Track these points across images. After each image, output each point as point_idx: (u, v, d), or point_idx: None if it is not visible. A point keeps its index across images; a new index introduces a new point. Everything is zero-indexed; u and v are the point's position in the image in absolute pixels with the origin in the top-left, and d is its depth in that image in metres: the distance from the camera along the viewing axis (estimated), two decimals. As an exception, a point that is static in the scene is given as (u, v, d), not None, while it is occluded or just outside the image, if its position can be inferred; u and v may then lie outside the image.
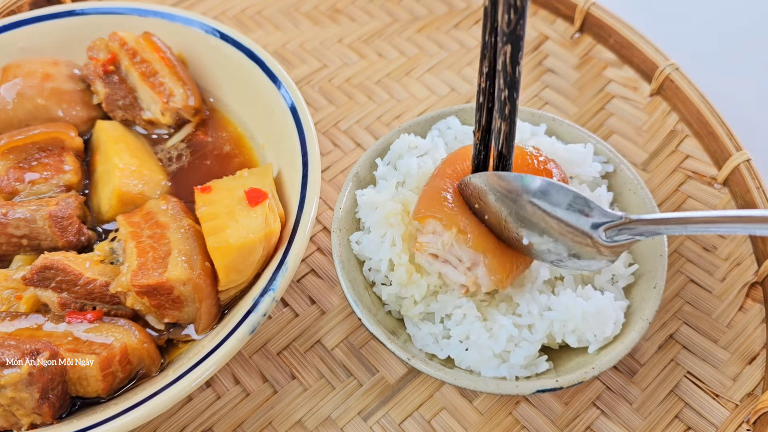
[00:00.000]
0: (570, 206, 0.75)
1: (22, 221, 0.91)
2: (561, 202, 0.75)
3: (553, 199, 0.75)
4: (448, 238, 0.81)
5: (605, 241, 0.74)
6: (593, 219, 0.74)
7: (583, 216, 0.74)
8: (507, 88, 0.74)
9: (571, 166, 0.92)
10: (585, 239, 0.75)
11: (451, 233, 0.81)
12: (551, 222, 0.76)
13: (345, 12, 1.35)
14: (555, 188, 0.75)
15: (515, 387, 0.78)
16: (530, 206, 0.77)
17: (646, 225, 0.72)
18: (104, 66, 1.06)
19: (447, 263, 0.83)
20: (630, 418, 0.88)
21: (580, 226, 0.75)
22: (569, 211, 0.75)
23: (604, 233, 0.74)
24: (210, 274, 0.85)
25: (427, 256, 0.84)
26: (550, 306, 0.82)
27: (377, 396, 0.91)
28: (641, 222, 0.72)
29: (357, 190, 0.93)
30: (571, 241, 0.76)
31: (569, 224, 0.75)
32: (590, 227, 0.74)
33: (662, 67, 1.17)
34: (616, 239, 0.74)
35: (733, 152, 1.06)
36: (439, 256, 0.83)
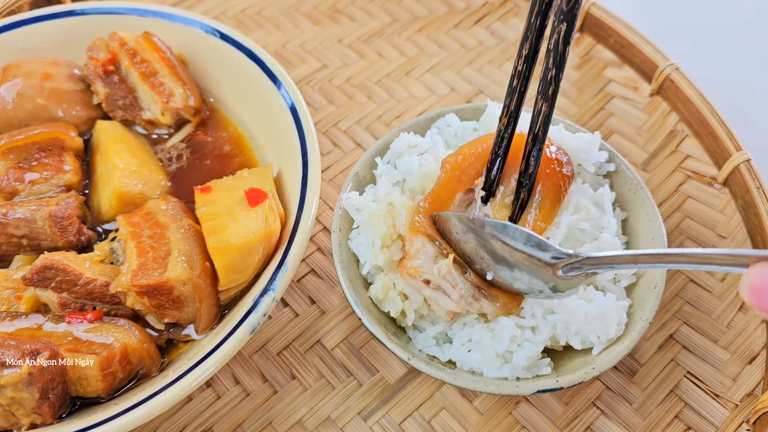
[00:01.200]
0: (527, 242, 0.76)
1: (22, 221, 0.91)
2: (518, 238, 0.77)
3: (511, 234, 0.77)
4: (445, 265, 0.81)
5: (562, 276, 0.76)
6: (550, 253, 0.75)
7: (540, 250, 0.76)
8: (555, 68, 0.76)
9: (578, 153, 0.92)
10: (547, 269, 0.77)
11: (448, 260, 0.81)
12: (513, 252, 0.78)
13: (345, 12, 1.35)
14: (510, 228, 0.77)
15: (516, 387, 0.78)
16: (493, 239, 0.79)
17: (596, 263, 0.73)
18: (104, 66, 1.06)
19: (438, 290, 0.82)
20: (630, 418, 0.88)
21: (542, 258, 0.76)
22: (528, 246, 0.76)
23: (560, 270, 0.76)
24: (210, 274, 0.85)
25: (418, 282, 0.82)
26: (553, 308, 0.82)
27: (377, 396, 0.91)
28: (591, 260, 0.73)
29: (343, 194, 0.92)
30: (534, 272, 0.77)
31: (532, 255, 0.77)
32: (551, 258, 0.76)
33: (662, 67, 1.17)
34: (569, 275, 0.75)
35: (733, 152, 1.06)
36: (431, 282, 0.82)
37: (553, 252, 0.75)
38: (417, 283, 0.82)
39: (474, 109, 1.00)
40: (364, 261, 0.88)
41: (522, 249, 0.77)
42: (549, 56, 0.76)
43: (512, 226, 0.78)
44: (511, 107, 0.82)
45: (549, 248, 0.76)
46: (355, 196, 0.90)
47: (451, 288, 0.81)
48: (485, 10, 1.35)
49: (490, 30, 1.32)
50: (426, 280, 0.82)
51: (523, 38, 0.78)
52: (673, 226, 1.05)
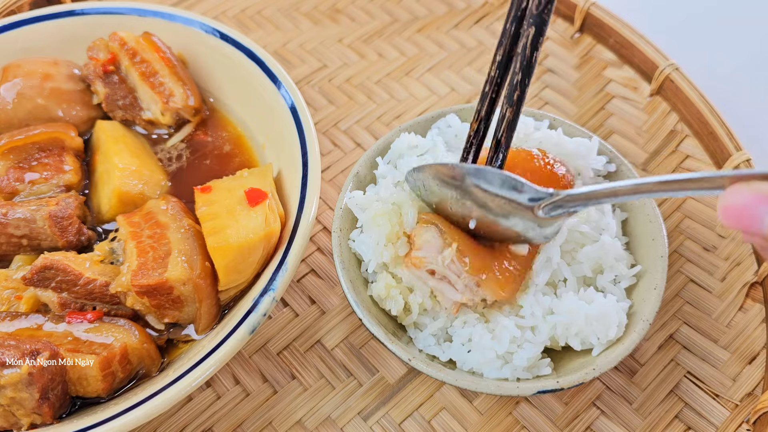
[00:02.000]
0: (504, 184, 0.75)
1: (22, 221, 0.91)
2: (495, 181, 0.76)
3: (488, 179, 0.76)
4: (449, 254, 0.81)
5: (543, 216, 0.75)
6: (527, 194, 0.74)
7: (518, 192, 0.75)
8: (521, 72, 0.74)
9: (576, 159, 0.92)
10: (528, 212, 0.76)
11: (451, 249, 0.81)
12: (495, 200, 0.77)
13: (345, 12, 1.35)
14: (486, 170, 0.76)
15: (516, 388, 0.78)
16: (473, 188, 0.77)
17: (575, 201, 0.72)
18: (104, 66, 1.06)
19: (443, 280, 0.82)
20: (630, 418, 0.88)
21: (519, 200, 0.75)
22: (505, 189, 0.75)
23: (540, 210, 0.75)
24: (210, 274, 0.85)
25: (423, 272, 0.82)
26: (553, 309, 0.82)
27: (377, 396, 0.91)
28: (570, 198, 0.72)
29: (345, 193, 0.92)
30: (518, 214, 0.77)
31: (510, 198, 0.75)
32: (528, 201, 0.75)
33: (662, 67, 1.17)
34: (552, 214, 0.74)
35: (733, 152, 1.06)
36: (436, 272, 0.82)
37: (530, 193, 0.74)
38: (422, 274, 0.82)
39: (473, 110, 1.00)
40: (368, 259, 0.88)
41: (499, 193, 0.76)
42: (516, 60, 0.75)
43: (487, 169, 0.76)
44: (482, 113, 0.82)
45: (525, 189, 0.74)
46: (359, 194, 0.90)
47: (455, 277, 0.81)
48: (485, 10, 1.35)
49: (490, 30, 1.32)
50: (431, 271, 0.82)
51: (498, 44, 0.77)
52: (673, 226, 1.05)
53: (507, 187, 0.75)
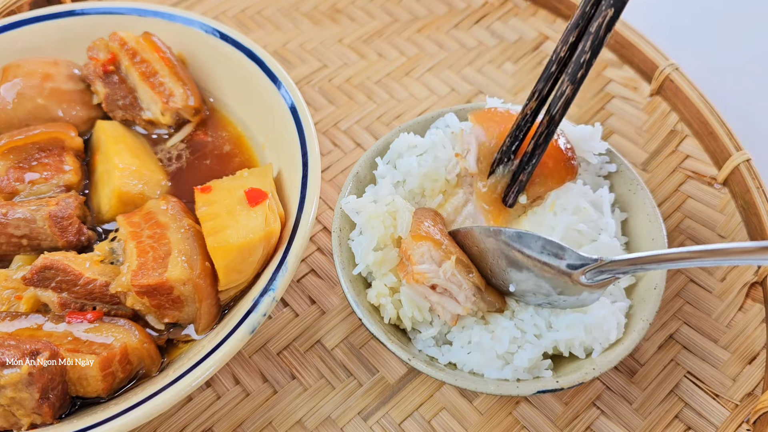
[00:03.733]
0: (543, 250, 0.77)
1: (22, 221, 0.91)
2: (534, 247, 0.77)
3: (527, 243, 0.78)
4: (450, 266, 0.80)
5: (587, 282, 0.76)
6: (568, 261, 0.76)
7: (557, 259, 0.76)
8: (590, 52, 0.76)
9: (579, 144, 0.92)
10: (564, 278, 0.77)
11: (451, 261, 0.81)
12: (530, 263, 0.78)
13: (345, 12, 1.35)
14: (527, 236, 0.78)
15: (516, 388, 0.78)
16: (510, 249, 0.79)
17: (623, 266, 0.73)
18: (104, 66, 1.06)
19: (445, 293, 0.82)
20: (630, 418, 0.88)
21: (558, 266, 0.76)
22: (544, 254, 0.77)
23: (584, 276, 0.75)
24: (210, 274, 0.85)
25: (425, 288, 0.81)
26: (552, 323, 0.82)
27: (377, 396, 0.91)
28: (617, 263, 0.74)
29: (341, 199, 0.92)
30: (553, 280, 0.78)
31: (548, 264, 0.77)
32: (567, 267, 0.76)
33: (662, 67, 1.17)
34: (597, 279, 0.75)
35: (733, 152, 1.06)
36: (437, 287, 0.81)
37: (572, 258, 0.75)
38: (424, 290, 0.82)
39: (473, 109, 1.00)
40: (359, 261, 0.88)
41: (537, 257, 0.77)
42: (587, 38, 0.75)
43: (528, 235, 0.77)
44: (543, 92, 0.82)
45: (567, 255, 0.75)
46: (353, 199, 0.90)
47: (457, 289, 0.81)
48: (485, 10, 1.35)
49: (490, 30, 1.32)
50: (432, 286, 0.81)
51: (573, 25, 0.77)
52: (673, 226, 1.05)
53: (547, 252, 0.76)
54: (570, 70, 0.78)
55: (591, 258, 0.75)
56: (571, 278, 0.76)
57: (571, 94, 0.79)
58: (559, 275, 0.77)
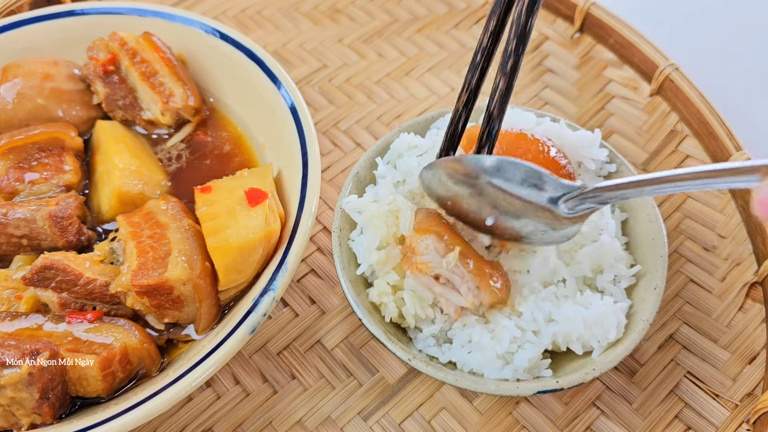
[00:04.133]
0: (524, 181, 0.73)
1: (22, 221, 0.91)
2: (515, 178, 0.74)
3: (508, 175, 0.74)
4: (453, 257, 0.80)
5: (567, 213, 0.73)
6: (549, 192, 0.72)
7: (538, 190, 0.73)
8: (516, 39, 0.73)
9: (578, 150, 0.92)
10: (545, 213, 0.74)
11: (454, 253, 0.81)
12: (511, 200, 0.75)
13: (345, 12, 1.35)
14: (508, 164, 0.74)
15: (516, 388, 0.78)
16: (488, 186, 0.76)
17: (605, 192, 0.70)
18: (104, 66, 1.06)
19: (448, 285, 0.82)
20: (630, 418, 0.88)
21: (538, 201, 0.73)
22: (524, 187, 0.73)
23: (564, 205, 0.73)
24: (210, 274, 0.85)
25: (428, 278, 0.82)
26: (552, 315, 0.82)
27: (377, 396, 0.91)
28: (599, 189, 0.71)
29: (342, 199, 0.92)
30: (534, 216, 0.75)
31: (528, 200, 0.74)
32: (548, 201, 0.73)
33: (662, 67, 1.17)
34: (577, 209, 0.73)
35: (733, 152, 1.06)
36: (440, 277, 0.82)
37: (554, 186, 0.72)
38: (427, 280, 0.82)
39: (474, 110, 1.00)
40: (361, 261, 0.88)
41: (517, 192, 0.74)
42: (511, 28, 0.72)
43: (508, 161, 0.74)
44: (471, 84, 0.79)
45: (549, 182, 0.72)
46: (354, 198, 0.90)
47: (460, 281, 0.81)
48: (485, 10, 1.35)
49: (490, 30, 1.32)
50: (436, 276, 0.82)
51: (491, 12, 0.75)
52: (673, 226, 1.05)
53: (528, 183, 0.73)
54: (500, 62, 0.74)
55: (573, 185, 0.72)
56: (552, 212, 0.73)
57: (505, 86, 0.75)
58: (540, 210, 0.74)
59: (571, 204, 0.72)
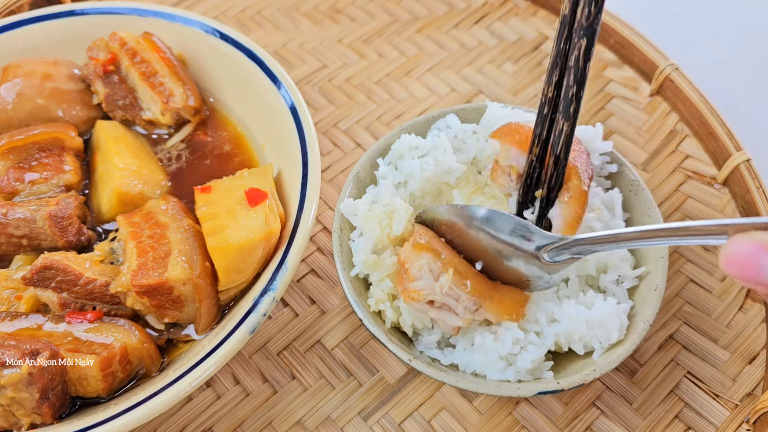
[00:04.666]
0: (513, 232, 0.78)
1: (22, 221, 0.91)
2: (504, 229, 0.79)
3: (497, 226, 0.79)
4: (446, 280, 0.80)
5: (548, 261, 0.78)
6: (536, 242, 0.78)
7: (526, 240, 0.78)
8: (575, 85, 0.77)
9: None
10: (534, 260, 0.79)
11: (448, 275, 0.80)
12: (500, 246, 0.80)
13: (345, 12, 1.35)
14: (498, 216, 0.79)
15: (517, 389, 0.78)
16: (481, 233, 0.80)
17: (582, 245, 0.75)
18: (104, 66, 1.06)
19: (443, 308, 0.81)
20: (630, 418, 0.88)
21: (526, 249, 0.78)
22: (513, 236, 0.79)
23: (546, 254, 0.77)
24: (210, 274, 0.85)
25: (422, 305, 0.81)
26: (555, 316, 0.82)
27: (377, 396, 0.91)
28: (577, 242, 0.75)
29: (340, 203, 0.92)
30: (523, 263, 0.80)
31: (517, 247, 0.79)
32: (535, 249, 0.78)
33: (662, 67, 1.17)
34: (556, 259, 0.77)
35: (733, 152, 1.06)
36: (435, 302, 0.81)
37: (538, 237, 0.77)
38: (422, 306, 0.81)
39: (474, 110, 1.00)
40: (356, 262, 0.87)
41: (507, 240, 0.79)
42: (569, 73, 0.76)
43: (498, 214, 0.78)
44: (542, 135, 0.83)
45: (534, 234, 0.77)
46: (351, 202, 0.90)
47: (455, 302, 0.80)
48: (485, 10, 1.35)
49: (490, 30, 1.32)
50: (430, 301, 0.81)
51: (552, 64, 0.79)
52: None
53: (516, 234, 0.78)
54: (562, 108, 0.79)
55: (554, 236, 0.77)
56: (539, 259, 0.78)
57: (569, 130, 0.80)
58: (529, 257, 0.79)
59: (551, 254, 0.78)
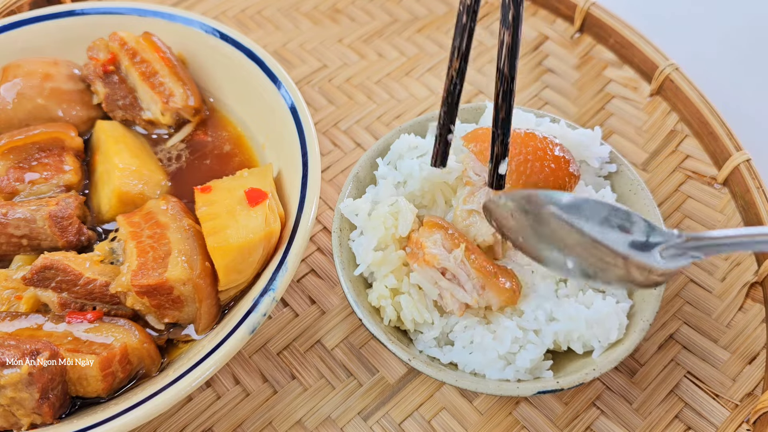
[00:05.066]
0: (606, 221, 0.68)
1: (22, 221, 0.91)
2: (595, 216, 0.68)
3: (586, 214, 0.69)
4: (459, 253, 0.81)
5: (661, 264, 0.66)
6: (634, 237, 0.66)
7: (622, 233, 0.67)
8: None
9: (580, 149, 0.92)
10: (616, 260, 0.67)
11: (461, 249, 0.81)
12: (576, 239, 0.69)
13: (345, 12, 1.35)
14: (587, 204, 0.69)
15: (516, 388, 0.78)
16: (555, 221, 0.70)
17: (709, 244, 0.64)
18: (104, 66, 1.06)
19: (453, 280, 0.82)
20: (630, 418, 0.88)
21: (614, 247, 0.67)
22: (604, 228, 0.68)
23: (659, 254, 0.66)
24: (210, 274, 0.85)
25: (435, 272, 0.82)
26: (554, 314, 0.82)
27: (377, 396, 0.91)
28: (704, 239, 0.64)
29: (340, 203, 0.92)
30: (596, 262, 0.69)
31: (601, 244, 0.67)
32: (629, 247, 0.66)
33: (662, 67, 1.17)
34: (673, 263, 0.66)
35: (733, 152, 1.06)
36: (447, 272, 0.82)
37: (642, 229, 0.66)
38: (434, 273, 0.82)
39: (474, 110, 1.00)
40: (359, 262, 0.88)
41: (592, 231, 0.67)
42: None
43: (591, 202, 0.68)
44: (461, 48, 0.76)
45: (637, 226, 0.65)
46: (350, 202, 0.90)
47: (465, 278, 0.81)
48: (485, 10, 1.35)
49: (490, 30, 1.32)
50: (442, 270, 0.82)
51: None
52: (673, 226, 1.05)
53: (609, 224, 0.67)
54: (501, 15, 0.71)
55: (672, 233, 0.65)
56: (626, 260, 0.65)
57: (510, 40, 0.72)
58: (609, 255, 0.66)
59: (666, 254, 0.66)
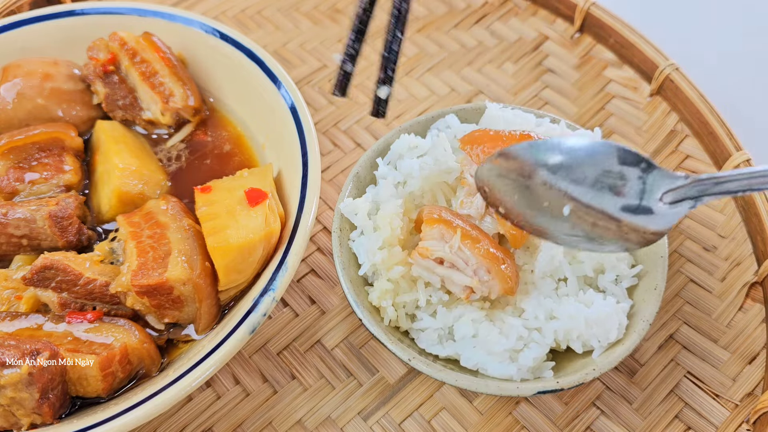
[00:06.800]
0: (597, 182, 0.70)
1: (22, 221, 0.91)
2: (586, 177, 0.71)
3: (578, 174, 0.72)
4: (456, 241, 0.81)
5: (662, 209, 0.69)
6: (627, 200, 0.69)
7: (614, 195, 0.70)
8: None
9: None
10: (609, 223, 0.72)
11: (457, 236, 0.81)
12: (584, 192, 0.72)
13: (345, 12, 1.35)
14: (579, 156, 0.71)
15: (516, 388, 0.78)
16: (547, 191, 0.74)
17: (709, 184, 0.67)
18: (104, 66, 1.06)
19: (452, 267, 0.83)
20: (630, 418, 0.88)
21: (607, 210, 0.70)
22: (596, 190, 0.70)
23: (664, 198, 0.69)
24: (210, 274, 0.85)
25: (431, 262, 0.83)
26: (554, 313, 0.82)
27: (377, 396, 0.91)
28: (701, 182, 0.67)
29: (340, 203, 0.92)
30: (590, 228, 0.74)
31: (594, 209, 0.71)
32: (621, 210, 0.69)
33: (662, 67, 1.17)
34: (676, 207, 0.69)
35: (733, 152, 1.06)
36: (444, 261, 0.82)
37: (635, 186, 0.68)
38: (430, 263, 0.83)
39: (474, 110, 1.00)
40: (362, 261, 0.88)
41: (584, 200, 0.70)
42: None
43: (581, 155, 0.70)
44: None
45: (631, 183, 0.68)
46: (350, 202, 0.90)
47: (464, 264, 0.82)
48: (485, 10, 1.35)
49: (490, 30, 1.32)
50: (439, 260, 0.83)
51: None
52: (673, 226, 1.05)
53: (602, 184, 0.70)
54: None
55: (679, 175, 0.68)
56: (619, 222, 0.69)
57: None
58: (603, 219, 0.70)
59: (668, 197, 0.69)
